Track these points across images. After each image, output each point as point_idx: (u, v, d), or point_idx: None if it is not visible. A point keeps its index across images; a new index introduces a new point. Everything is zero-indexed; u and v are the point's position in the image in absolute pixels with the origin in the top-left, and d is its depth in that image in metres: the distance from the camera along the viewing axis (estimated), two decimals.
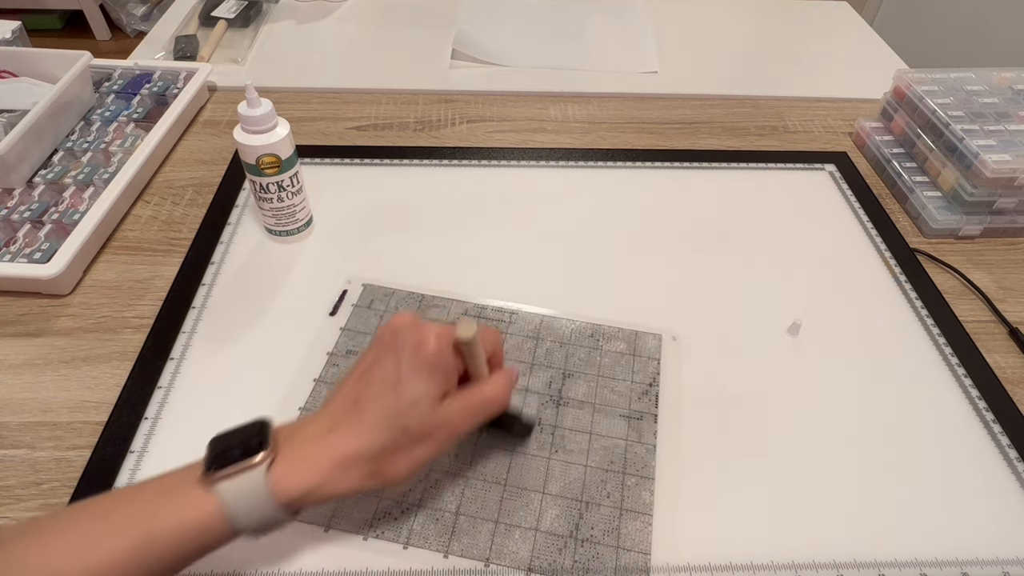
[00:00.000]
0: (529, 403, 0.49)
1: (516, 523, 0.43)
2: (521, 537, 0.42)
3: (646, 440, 0.47)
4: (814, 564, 0.42)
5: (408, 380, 0.36)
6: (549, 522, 0.43)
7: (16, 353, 0.52)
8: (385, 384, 0.36)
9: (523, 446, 0.46)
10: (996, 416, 0.50)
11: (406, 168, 0.71)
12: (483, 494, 0.44)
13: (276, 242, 0.61)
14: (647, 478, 0.45)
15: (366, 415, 0.36)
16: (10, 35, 0.80)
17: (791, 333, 0.55)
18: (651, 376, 0.51)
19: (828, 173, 0.72)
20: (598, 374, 0.51)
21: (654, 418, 0.49)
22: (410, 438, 0.36)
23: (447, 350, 0.37)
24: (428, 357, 0.36)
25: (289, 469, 0.34)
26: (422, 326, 0.38)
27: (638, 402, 0.49)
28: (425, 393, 0.36)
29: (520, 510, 0.43)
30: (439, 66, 0.87)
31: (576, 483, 0.45)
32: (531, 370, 0.51)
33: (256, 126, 0.53)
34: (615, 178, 0.70)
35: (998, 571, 0.42)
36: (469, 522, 0.43)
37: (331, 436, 0.36)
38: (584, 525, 0.43)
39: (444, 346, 0.37)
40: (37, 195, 0.61)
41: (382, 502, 0.43)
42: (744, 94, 0.85)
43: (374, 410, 0.36)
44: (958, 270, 0.61)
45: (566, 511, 0.43)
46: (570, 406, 0.49)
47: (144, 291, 0.57)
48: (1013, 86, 0.72)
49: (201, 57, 0.85)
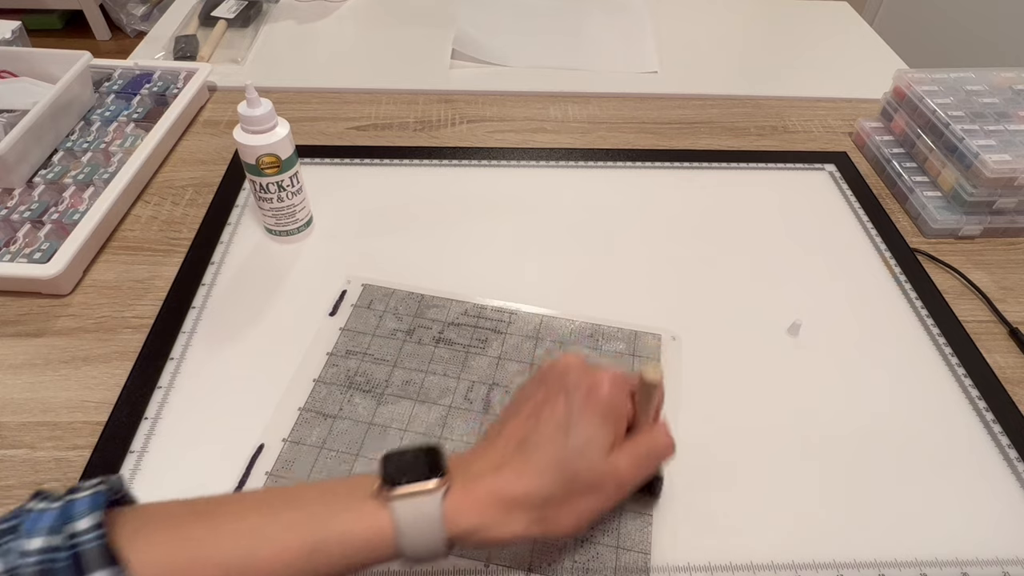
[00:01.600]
0: None
1: None
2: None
3: None
4: (814, 564, 0.42)
5: (579, 425, 0.35)
6: None
7: (16, 353, 0.52)
8: (555, 427, 0.35)
9: (655, 504, 0.44)
10: (996, 416, 0.50)
11: (406, 168, 0.71)
12: None
13: (276, 242, 0.61)
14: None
15: (533, 457, 0.34)
16: (10, 35, 0.80)
17: (791, 333, 0.55)
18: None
19: (828, 173, 0.72)
20: None
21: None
22: (578, 487, 0.34)
23: (620, 396, 0.36)
24: (601, 402, 0.35)
25: (461, 503, 0.33)
26: (594, 369, 0.37)
27: None
28: (596, 440, 0.35)
29: None
30: (439, 66, 0.87)
31: None
32: (531, 370, 0.51)
33: (256, 126, 0.53)
34: (615, 178, 0.70)
35: (998, 571, 0.42)
36: None
37: (498, 475, 0.34)
38: None
39: (617, 392, 0.36)
40: (37, 195, 0.61)
41: None
42: (744, 94, 0.85)
43: (542, 453, 0.34)
44: (958, 270, 0.61)
45: None
46: None
47: (144, 291, 0.57)
48: (1013, 86, 0.72)
49: (201, 57, 0.85)
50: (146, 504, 0.32)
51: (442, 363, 0.52)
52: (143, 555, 0.29)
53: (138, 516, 0.31)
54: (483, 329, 0.54)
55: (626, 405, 0.37)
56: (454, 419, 0.48)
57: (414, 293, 0.56)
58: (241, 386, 0.50)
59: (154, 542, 0.30)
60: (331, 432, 0.47)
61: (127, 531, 0.30)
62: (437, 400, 0.49)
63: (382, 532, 0.32)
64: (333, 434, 0.47)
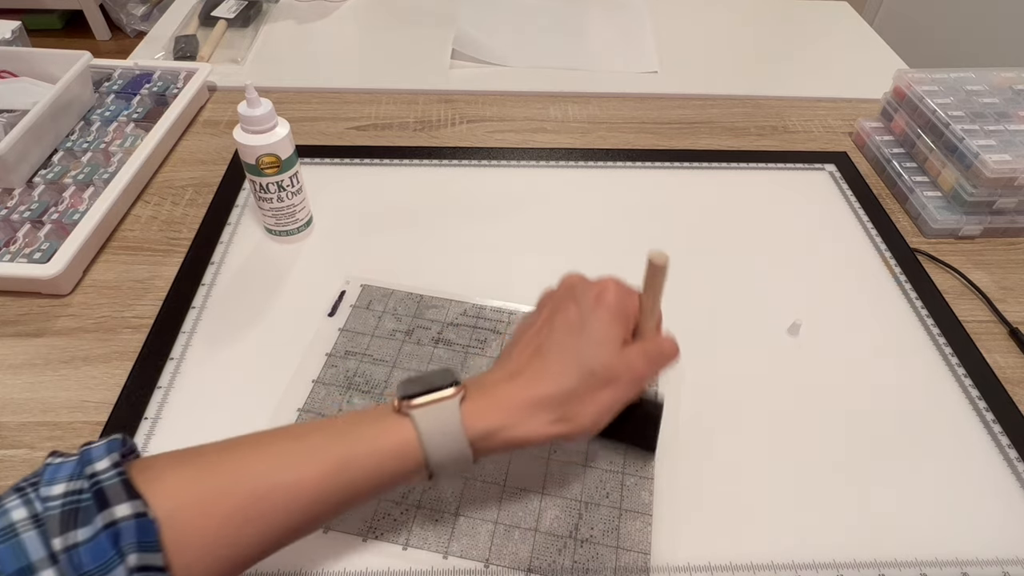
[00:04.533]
0: None
1: (515, 523, 0.43)
2: (520, 538, 0.42)
3: None
4: (814, 564, 0.42)
5: (592, 324, 0.36)
6: (548, 522, 0.43)
7: (16, 353, 0.52)
8: (569, 329, 0.36)
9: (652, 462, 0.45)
10: (996, 416, 0.50)
11: (406, 168, 0.71)
12: (482, 495, 0.44)
13: (276, 242, 0.61)
14: (646, 478, 0.45)
15: (550, 361, 0.36)
16: (10, 35, 0.80)
17: (791, 333, 0.55)
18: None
19: (828, 173, 0.72)
20: None
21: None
22: (596, 381, 0.35)
23: (627, 297, 0.38)
24: (611, 303, 0.37)
25: (478, 406, 0.34)
26: (597, 280, 0.39)
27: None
28: (610, 336, 0.36)
29: (519, 510, 0.43)
30: (439, 66, 0.87)
31: (575, 483, 0.45)
32: None
33: (256, 126, 0.53)
34: (615, 178, 0.70)
35: (998, 571, 0.42)
36: (468, 523, 0.43)
37: (516, 381, 0.35)
38: (584, 525, 0.43)
39: (624, 293, 0.38)
40: (37, 195, 0.61)
41: (381, 503, 0.43)
42: (744, 94, 0.85)
43: (559, 354, 0.36)
44: (958, 270, 0.61)
45: (565, 511, 0.43)
46: None
47: (144, 291, 0.57)
48: (1013, 86, 0.72)
49: (201, 57, 0.85)
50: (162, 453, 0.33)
51: (441, 364, 0.51)
52: (168, 488, 0.30)
53: (157, 460, 0.32)
54: (482, 330, 0.54)
55: (634, 305, 0.38)
56: None
57: (413, 294, 0.56)
58: (241, 386, 0.50)
59: (179, 476, 0.31)
60: None
61: (148, 474, 0.30)
62: None
63: (407, 441, 0.33)
64: None
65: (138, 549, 0.28)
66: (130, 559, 0.27)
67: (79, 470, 0.29)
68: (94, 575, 0.27)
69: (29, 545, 0.27)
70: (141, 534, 0.28)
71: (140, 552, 0.28)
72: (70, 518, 0.28)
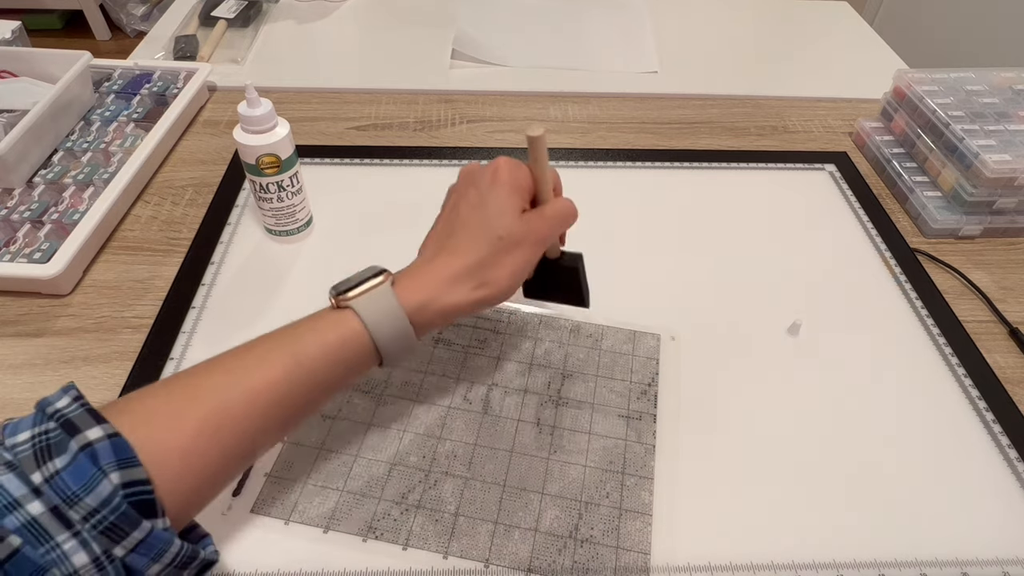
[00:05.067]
0: (528, 403, 0.49)
1: (515, 524, 0.43)
2: (520, 538, 0.42)
3: (645, 440, 0.47)
4: (814, 564, 0.42)
5: (491, 198, 0.40)
6: (548, 522, 0.43)
7: (16, 353, 0.52)
8: (471, 208, 0.40)
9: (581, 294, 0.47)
10: (996, 416, 0.50)
11: (406, 168, 0.71)
12: (482, 495, 0.44)
13: (276, 242, 0.61)
14: (646, 478, 0.45)
15: (461, 237, 0.40)
16: (10, 35, 0.80)
17: (791, 333, 0.55)
18: (650, 376, 0.51)
19: (828, 173, 0.72)
20: (596, 374, 0.51)
21: (653, 418, 0.49)
22: (504, 245, 0.39)
23: (519, 171, 0.41)
24: (504, 178, 0.40)
25: (407, 285, 0.38)
26: (489, 164, 0.42)
27: (637, 402, 0.49)
28: (509, 204, 0.40)
29: (519, 510, 0.43)
30: (439, 66, 0.87)
31: (575, 483, 0.45)
32: (530, 370, 0.51)
33: (256, 126, 0.53)
34: (615, 178, 0.70)
35: (998, 571, 0.42)
36: (468, 523, 0.43)
37: (435, 261, 0.39)
38: (584, 525, 0.43)
39: (515, 168, 0.41)
40: (37, 195, 0.61)
41: (381, 503, 0.43)
42: (744, 94, 0.85)
43: (468, 230, 0.40)
44: (958, 270, 0.61)
45: (565, 511, 0.43)
46: (569, 406, 0.49)
47: (144, 291, 0.57)
48: (1013, 86, 0.72)
49: (201, 57, 0.85)
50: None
51: (441, 364, 0.51)
52: (136, 416, 0.31)
53: (119, 399, 0.33)
54: (482, 330, 0.54)
55: (525, 177, 0.41)
56: (453, 419, 0.48)
57: None
58: None
59: (143, 405, 0.32)
60: (330, 433, 0.47)
61: (112, 409, 0.31)
62: (436, 400, 0.49)
63: (353, 328, 0.36)
64: (332, 435, 0.47)
65: (118, 467, 0.28)
66: (112, 476, 0.27)
67: (40, 417, 0.29)
68: (80, 495, 0.27)
69: (9, 485, 0.26)
70: (118, 452, 0.28)
71: (121, 469, 0.28)
72: (44, 453, 0.28)
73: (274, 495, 0.43)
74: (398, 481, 0.44)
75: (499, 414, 0.48)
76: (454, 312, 0.39)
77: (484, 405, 0.49)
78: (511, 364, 0.52)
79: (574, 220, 0.43)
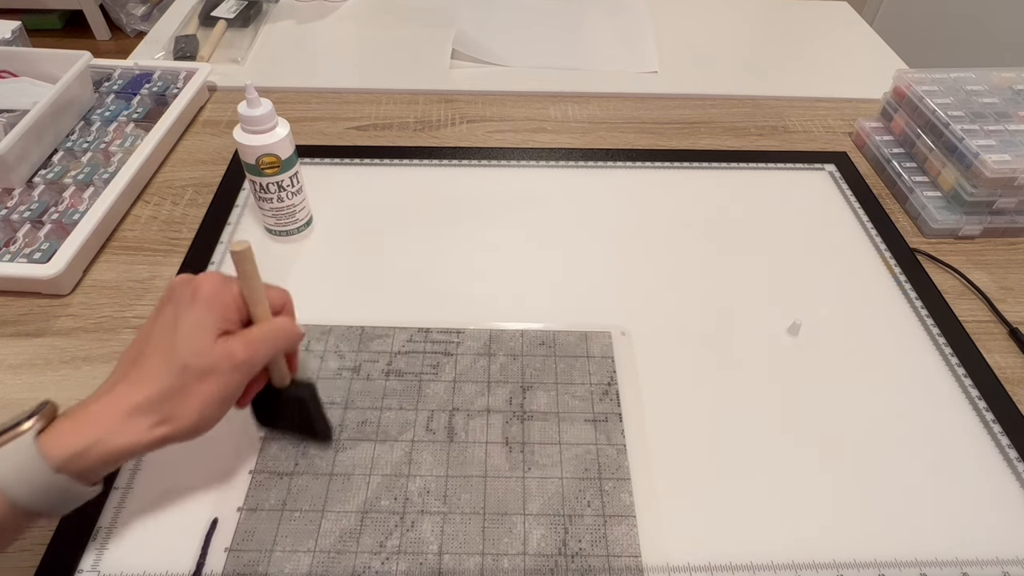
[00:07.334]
0: (493, 423, 0.47)
1: (503, 551, 0.41)
2: (511, 565, 0.41)
3: (615, 441, 0.47)
4: (814, 564, 0.42)
5: (184, 318, 0.35)
6: (536, 543, 0.41)
7: (16, 353, 0.52)
8: (163, 329, 0.36)
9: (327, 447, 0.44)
10: (996, 416, 0.50)
11: (406, 168, 0.71)
12: (463, 528, 0.42)
13: (276, 242, 0.61)
14: (623, 479, 0.45)
15: (145, 364, 0.35)
16: (10, 35, 0.80)
17: (791, 333, 0.55)
18: (608, 375, 0.51)
19: (828, 173, 0.72)
20: (556, 381, 0.50)
21: (619, 417, 0.48)
22: (192, 375, 0.35)
23: (223, 288, 0.37)
24: (203, 297, 0.36)
25: (63, 428, 0.33)
26: (196, 276, 0.38)
27: (600, 404, 0.49)
28: (200, 326, 0.35)
29: (504, 536, 0.42)
30: (439, 66, 0.87)
31: (555, 498, 0.44)
32: (489, 389, 0.50)
33: (256, 126, 0.53)
34: (615, 178, 0.70)
35: (998, 571, 0.42)
36: (455, 560, 0.41)
37: (113, 392, 0.35)
38: (571, 539, 0.42)
39: (219, 285, 0.37)
40: (37, 195, 0.61)
41: (359, 556, 0.41)
42: (744, 94, 0.85)
43: (154, 355, 0.35)
44: (958, 270, 0.61)
45: (551, 528, 0.42)
46: (535, 419, 0.48)
47: (144, 291, 0.57)
48: (1013, 86, 0.72)
49: (201, 57, 0.85)
50: None
51: (396, 396, 0.49)
52: None
53: None
54: (433, 354, 0.52)
55: (232, 296, 0.37)
56: (419, 453, 0.46)
57: (353, 327, 0.53)
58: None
59: None
60: (290, 491, 0.43)
61: None
62: (398, 436, 0.46)
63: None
64: (292, 493, 0.43)
65: None
66: None
67: None
68: None
69: None
70: None
71: None
72: None
73: (239, 570, 0.40)
74: (373, 530, 0.42)
75: (466, 439, 0.46)
76: (126, 454, 0.34)
77: (448, 433, 0.47)
78: (469, 385, 0.50)
79: (293, 342, 0.39)
